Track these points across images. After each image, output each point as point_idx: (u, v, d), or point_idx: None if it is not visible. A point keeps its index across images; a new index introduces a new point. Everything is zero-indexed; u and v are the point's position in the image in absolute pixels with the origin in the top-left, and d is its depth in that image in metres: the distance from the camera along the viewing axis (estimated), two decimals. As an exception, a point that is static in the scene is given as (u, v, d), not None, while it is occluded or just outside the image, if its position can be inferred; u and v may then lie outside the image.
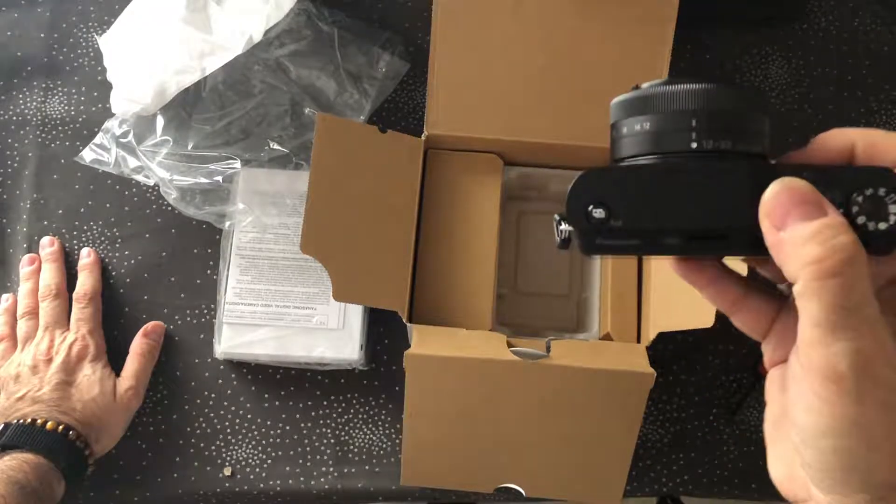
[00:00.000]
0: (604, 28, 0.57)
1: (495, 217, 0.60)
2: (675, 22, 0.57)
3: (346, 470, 0.61)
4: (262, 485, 0.60)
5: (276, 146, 0.62)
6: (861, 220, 0.24)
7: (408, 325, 0.56)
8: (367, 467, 0.61)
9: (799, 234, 0.24)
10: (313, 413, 0.62)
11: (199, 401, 0.62)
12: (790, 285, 0.27)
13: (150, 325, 0.62)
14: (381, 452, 0.61)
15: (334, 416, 0.62)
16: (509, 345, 0.53)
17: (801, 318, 0.24)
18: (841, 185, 0.24)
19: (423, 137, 0.59)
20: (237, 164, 0.61)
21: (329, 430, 0.61)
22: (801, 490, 0.28)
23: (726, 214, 0.25)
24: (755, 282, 0.30)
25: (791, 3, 0.68)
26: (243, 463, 0.61)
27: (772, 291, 0.30)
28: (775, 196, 0.24)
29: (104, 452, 0.58)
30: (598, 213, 0.25)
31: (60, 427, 0.54)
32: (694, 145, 0.26)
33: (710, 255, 0.27)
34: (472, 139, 0.59)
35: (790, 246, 0.24)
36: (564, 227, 0.26)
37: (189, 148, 0.61)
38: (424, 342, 0.53)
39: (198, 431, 0.61)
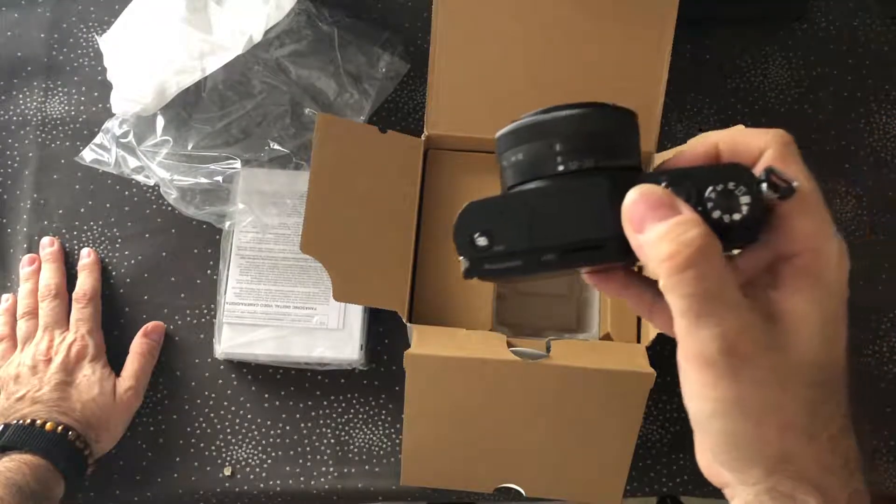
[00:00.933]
0: (604, 28, 0.57)
1: (495, 217, 0.59)
2: (675, 22, 0.57)
3: (346, 470, 0.61)
4: (262, 485, 0.60)
5: (276, 146, 0.62)
6: (716, 214, 0.26)
7: (408, 325, 0.56)
8: (367, 467, 0.61)
9: (654, 235, 0.25)
10: (313, 413, 0.62)
11: (199, 401, 0.62)
12: None
13: (150, 325, 0.62)
14: (381, 452, 0.61)
15: (334, 416, 0.62)
16: (509, 345, 0.53)
17: (673, 311, 0.26)
18: (695, 183, 0.26)
19: (423, 137, 0.59)
20: (237, 164, 0.61)
21: (329, 430, 0.61)
22: (720, 475, 0.29)
23: (595, 226, 0.27)
24: None
25: (791, 3, 0.68)
26: (243, 463, 0.61)
27: None
28: (633, 203, 0.26)
29: (104, 452, 0.58)
30: (482, 240, 0.27)
31: (60, 427, 0.54)
32: (560, 168, 0.28)
33: (588, 265, 0.28)
34: (472, 139, 0.59)
35: (647, 247, 0.25)
36: (463, 259, 0.28)
37: (189, 148, 0.61)
38: (424, 342, 0.53)
39: (198, 431, 0.61)
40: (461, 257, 0.28)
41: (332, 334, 0.60)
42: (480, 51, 0.58)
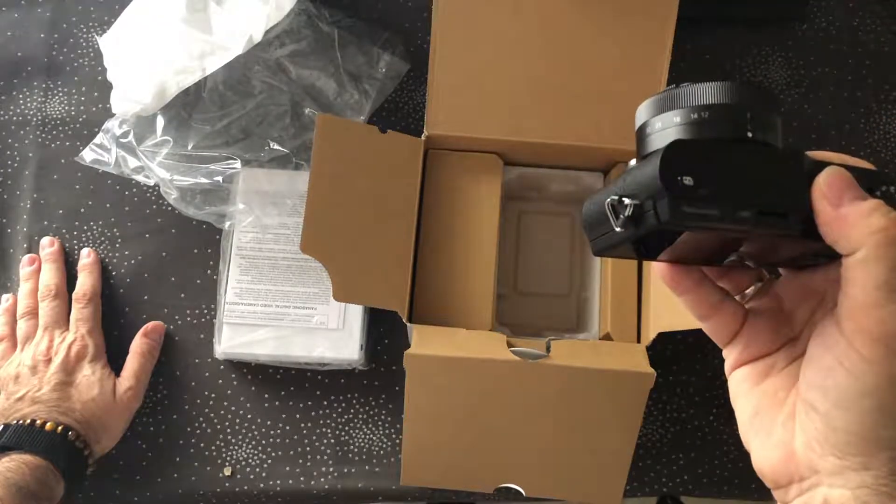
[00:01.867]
0: (604, 28, 0.57)
1: (495, 217, 0.60)
2: (675, 22, 0.57)
3: (346, 470, 0.61)
4: (262, 485, 0.60)
5: (276, 146, 0.62)
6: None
7: (408, 325, 0.56)
8: (366, 467, 0.61)
9: (860, 209, 0.27)
10: (313, 413, 0.62)
11: (199, 401, 0.62)
12: (745, 298, 0.33)
13: (150, 325, 0.62)
14: (381, 452, 0.61)
15: (334, 416, 0.62)
16: (509, 345, 0.53)
17: (857, 283, 0.27)
18: (862, 180, 0.28)
19: (423, 137, 0.59)
20: (237, 164, 0.61)
21: (329, 430, 0.61)
22: (803, 468, 0.30)
23: (787, 196, 0.28)
24: (728, 293, 0.34)
25: (791, 3, 0.69)
26: (243, 463, 0.61)
27: (740, 303, 0.34)
28: (830, 180, 0.28)
29: (104, 453, 0.58)
30: (688, 180, 0.27)
31: (60, 428, 0.54)
32: (749, 135, 0.28)
33: (771, 233, 0.29)
34: (472, 139, 0.59)
35: (854, 217, 0.27)
36: (629, 202, 0.27)
37: (189, 148, 0.61)
38: (424, 342, 0.53)
39: (198, 431, 0.61)
40: (626, 199, 0.28)
41: (332, 334, 0.60)
42: (480, 51, 0.58)
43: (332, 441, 0.61)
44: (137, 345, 0.61)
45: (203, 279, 0.64)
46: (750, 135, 0.29)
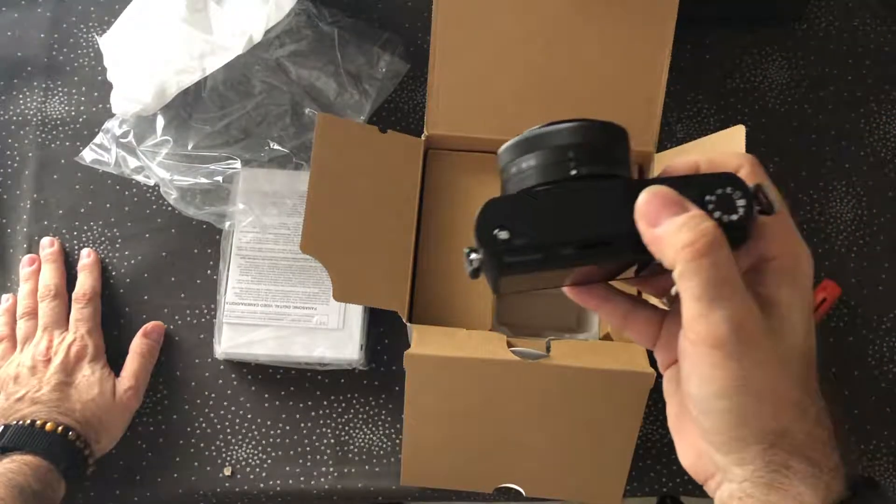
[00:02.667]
0: (604, 28, 0.57)
1: (495, 217, 0.59)
2: (675, 22, 0.57)
3: (346, 470, 0.61)
4: (262, 485, 0.60)
5: (276, 146, 0.62)
6: (717, 214, 0.29)
7: (408, 325, 0.56)
8: (367, 467, 0.61)
9: (672, 226, 0.28)
10: (313, 413, 0.62)
11: (199, 401, 0.62)
12: (668, 299, 0.35)
13: (149, 325, 0.62)
14: (381, 452, 0.61)
15: (334, 416, 0.62)
16: (509, 345, 0.53)
17: (683, 297, 0.28)
18: (696, 188, 0.29)
19: (423, 137, 0.59)
20: (237, 164, 0.61)
21: (329, 430, 0.61)
22: (708, 466, 0.32)
23: (610, 224, 0.29)
24: (640, 299, 0.35)
25: (791, 3, 0.68)
26: (243, 463, 0.61)
27: (655, 306, 0.35)
28: (647, 201, 0.29)
29: (104, 452, 0.58)
30: (503, 234, 0.29)
31: (60, 428, 0.54)
32: (573, 172, 0.30)
33: (600, 262, 0.31)
34: (472, 139, 0.59)
35: (666, 237, 0.28)
36: (474, 256, 0.30)
37: (189, 148, 0.61)
38: (424, 342, 0.53)
39: (198, 431, 0.61)
40: (473, 255, 0.30)
41: (332, 334, 0.60)
42: (480, 51, 0.58)
43: (332, 441, 0.61)
44: (137, 345, 0.61)
45: (203, 279, 0.64)
46: (574, 172, 0.30)
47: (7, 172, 0.67)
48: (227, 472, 0.60)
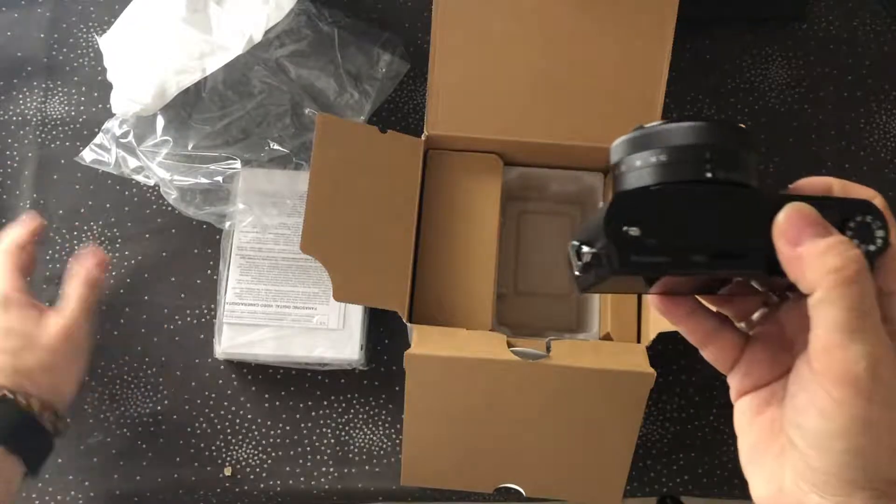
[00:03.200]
0: (604, 28, 0.57)
1: (495, 217, 0.60)
2: (675, 22, 0.56)
3: (346, 470, 0.61)
4: (262, 485, 0.60)
5: (276, 146, 0.62)
6: (855, 242, 0.28)
7: (408, 325, 0.56)
8: (367, 467, 0.61)
9: (817, 248, 0.26)
10: (313, 413, 0.62)
11: (199, 401, 0.62)
12: (748, 324, 0.32)
13: (85, 251, 0.56)
14: (381, 452, 0.61)
15: (334, 416, 0.62)
16: (509, 345, 0.53)
17: (820, 324, 0.26)
18: (836, 211, 0.28)
19: (423, 137, 0.59)
20: (237, 164, 0.61)
21: (329, 430, 0.61)
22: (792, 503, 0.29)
23: (743, 236, 0.28)
24: (727, 319, 0.33)
25: (791, 3, 0.69)
26: (243, 463, 0.61)
27: (739, 329, 0.33)
28: (789, 218, 0.27)
29: (67, 403, 0.52)
30: (633, 230, 0.27)
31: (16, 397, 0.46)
32: (708, 175, 0.28)
33: (731, 273, 0.29)
34: (472, 139, 0.59)
35: (809, 258, 0.26)
36: (587, 250, 0.28)
37: (189, 148, 0.61)
38: (424, 342, 0.53)
39: (198, 431, 0.61)
40: (585, 248, 0.28)
41: (332, 334, 0.60)
42: (480, 51, 0.58)
43: (333, 441, 0.61)
44: (74, 271, 0.54)
45: (203, 279, 0.64)
46: (710, 175, 0.28)
47: (7, 172, 0.66)
48: (227, 472, 0.60)
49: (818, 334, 0.27)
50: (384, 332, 0.63)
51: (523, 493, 0.56)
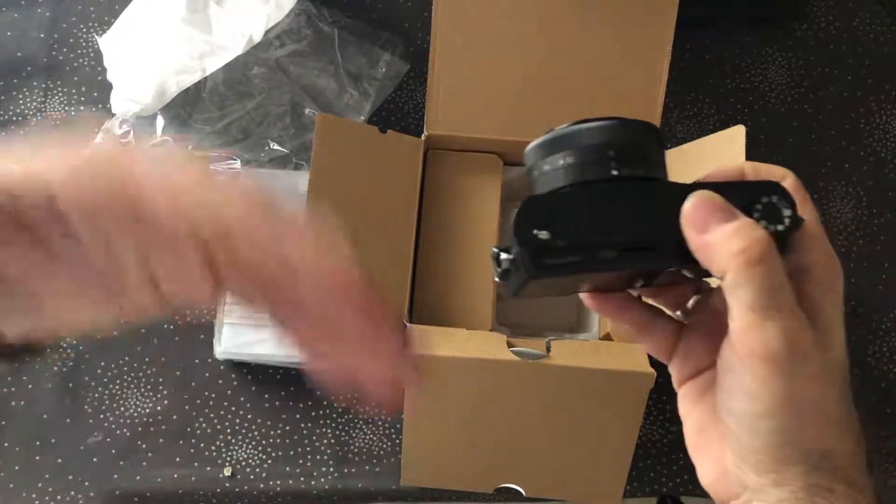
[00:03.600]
0: (604, 28, 0.57)
1: (495, 217, 0.59)
2: (675, 22, 0.56)
3: (346, 470, 0.61)
4: (262, 485, 0.60)
5: (276, 146, 0.62)
6: (763, 223, 0.28)
7: (408, 324, 0.56)
8: (367, 467, 0.61)
9: (723, 233, 0.27)
10: (313, 413, 0.62)
11: (199, 401, 0.62)
12: (683, 312, 0.33)
13: None
14: (382, 453, 0.61)
15: (334, 416, 0.62)
16: (509, 345, 0.53)
17: (734, 307, 0.27)
18: (741, 195, 0.28)
19: (423, 137, 0.59)
20: (237, 164, 0.61)
21: (329, 431, 0.61)
22: (734, 485, 0.30)
23: (652, 228, 0.28)
24: (659, 310, 0.34)
25: (791, 3, 0.68)
26: (243, 463, 0.61)
27: (673, 318, 0.34)
28: (695, 206, 0.28)
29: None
30: (543, 234, 0.28)
31: None
32: (614, 172, 0.29)
33: (640, 267, 0.29)
34: (472, 139, 0.59)
35: (716, 243, 0.27)
36: (504, 256, 0.29)
37: (189, 148, 0.61)
38: (424, 342, 0.53)
39: (198, 431, 0.61)
40: (503, 255, 0.29)
41: (332, 334, 0.60)
42: (480, 51, 0.58)
43: (332, 441, 0.61)
44: None
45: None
46: (615, 172, 0.29)
47: (7, 172, 0.66)
48: (227, 472, 0.60)
49: (734, 317, 0.27)
50: (384, 332, 0.63)
51: (523, 493, 0.56)
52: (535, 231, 0.28)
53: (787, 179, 0.30)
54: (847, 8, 0.69)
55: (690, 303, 0.34)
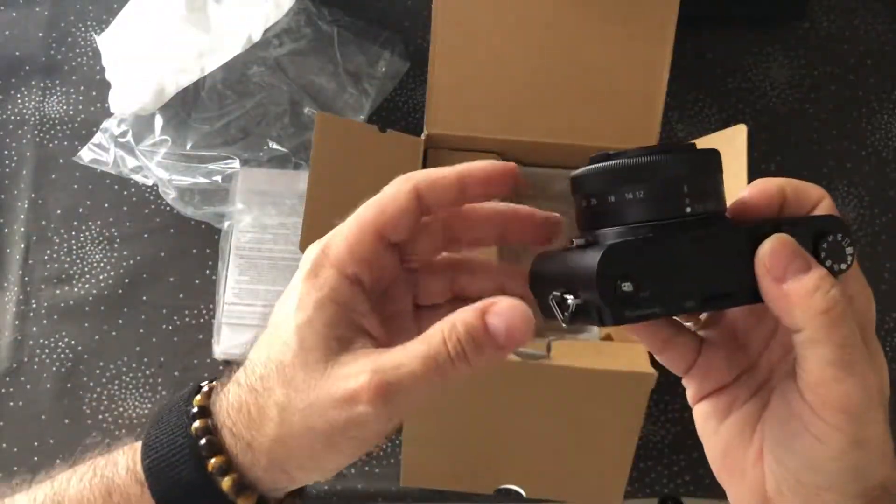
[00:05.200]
0: (604, 28, 0.57)
1: (495, 217, 0.59)
2: (675, 22, 0.56)
3: (345, 471, 0.60)
4: (261, 486, 0.60)
5: (275, 146, 0.62)
6: (828, 263, 0.28)
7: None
8: (366, 468, 0.60)
9: (805, 286, 0.27)
10: (313, 414, 0.61)
11: (197, 401, 0.61)
12: (694, 323, 0.33)
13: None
14: (381, 453, 0.61)
15: (334, 416, 0.61)
16: (510, 345, 0.53)
17: (810, 360, 0.27)
18: (808, 233, 0.28)
19: (423, 137, 0.59)
20: (236, 163, 0.61)
21: (328, 431, 0.61)
22: None
23: (729, 273, 0.28)
24: (682, 325, 0.33)
25: (792, 2, 0.68)
26: (242, 464, 0.60)
27: (695, 333, 0.33)
28: (773, 253, 0.27)
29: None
30: (627, 286, 0.27)
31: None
32: (688, 210, 0.28)
33: (720, 309, 0.30)
34: (471, 138, 0.59)
35: (797, 298, 0.27)
36: (572, 301, 0.28)
37: (188, 148, 0.61)
38: (424, 343, 0.53)
39: (197, 432, 0.61)
40: (570, 298, 0.28)
41: (331, 335, 0.59)
42: (480, 51, 0.57)
43: (332, 442, 0.61)
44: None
45: (202, 279, 0.64)
46: (689, 209, 0.28)
47: (5, 172, 0.66)
48: (226, 473, 0.60)
49: (810, 370, 0.27)
50: (384, 333, 0.63)
51: (523, 494, 0.56)
52: (619, 282, 0.27)
53: (825, 201, 0.30)
54: (848, 7, 0.69)
55: (703, 315, 0.33)
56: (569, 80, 0.58)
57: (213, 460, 0.28)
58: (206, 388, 0.32)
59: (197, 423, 0.29)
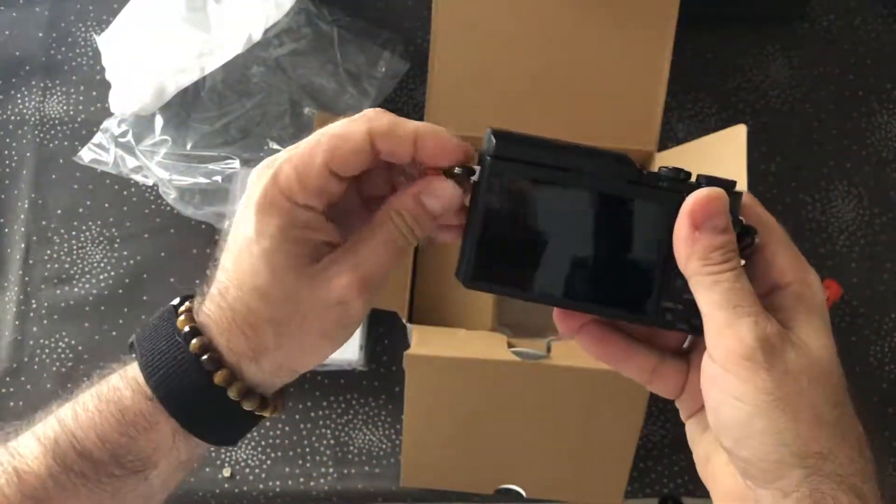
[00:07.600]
0: (604, 28, 0.57)
1: (495, 217, 0.59)
2: (675, 22, 0.56)
3: (345, 471, 0.60)
4: (261, 486, 0.60)
5: (275, 145, 0.62)
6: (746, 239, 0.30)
7: (408, 325, 0.55)
8: (366, 468, 0.60)
9: (710, 243, 0.29)
10: (313, 414, 0.61)
11: (198, 401, 0.61)
12: (681, 352, 0.34)
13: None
14: (381, 453, 0.61)
15: (334, 416, 0.61)
16: (509, 345, 0.53)
17: (706, 312, 0.28)
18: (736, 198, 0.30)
19: (422, 137, 0.59)
20: (236, 163, 0.61)
21: (329, 431, 0.61)
22: (746, 499, 0.30)
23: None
24: (666, 350, 0.33)
25: (792, 2, 0.68)
26: (243, 464, 0.60)
27: (682, 357, 0.34)
28: (708, 201, 0.29)
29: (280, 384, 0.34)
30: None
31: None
32: None
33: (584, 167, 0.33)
34: (472, 138, 0.59)
35: (702, 248, 0.29)
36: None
37: (188, 148, 0.61)
38: (424, 342, 0.53)
39: (197, 432, 0.61)
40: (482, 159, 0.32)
41: (331, 335, 0.59)
42: (480, 50, 0.57)
43: (332, 442, 0.61)
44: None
45: (202, 280, 0.63)
46: None
47: (5, 172, 0.66)
48: (227, 473, 0.60)
49: (709, 320, 0.28)
50: (384, 333, 0.63)
51: (524, 493, 0.56)
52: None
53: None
54: (848, 7, 0.69)
55: (686, 343, 0.34)
56: (569, 81, 0.58)
57: (218, 373, 0.31)
58: (184, 310, 0.35)
59: (195, 342, 0.32)
